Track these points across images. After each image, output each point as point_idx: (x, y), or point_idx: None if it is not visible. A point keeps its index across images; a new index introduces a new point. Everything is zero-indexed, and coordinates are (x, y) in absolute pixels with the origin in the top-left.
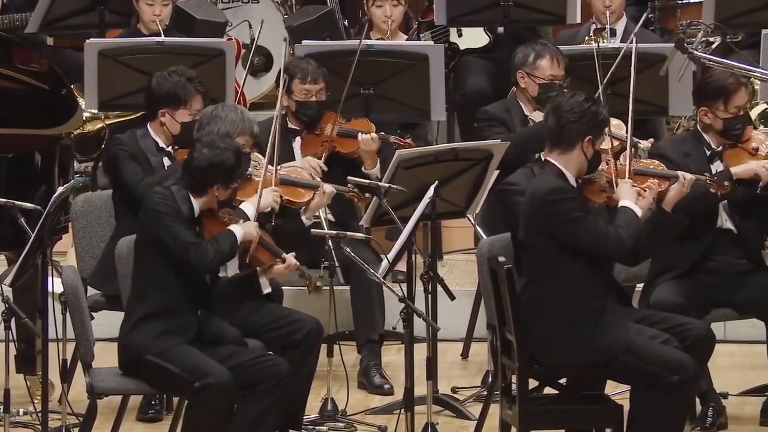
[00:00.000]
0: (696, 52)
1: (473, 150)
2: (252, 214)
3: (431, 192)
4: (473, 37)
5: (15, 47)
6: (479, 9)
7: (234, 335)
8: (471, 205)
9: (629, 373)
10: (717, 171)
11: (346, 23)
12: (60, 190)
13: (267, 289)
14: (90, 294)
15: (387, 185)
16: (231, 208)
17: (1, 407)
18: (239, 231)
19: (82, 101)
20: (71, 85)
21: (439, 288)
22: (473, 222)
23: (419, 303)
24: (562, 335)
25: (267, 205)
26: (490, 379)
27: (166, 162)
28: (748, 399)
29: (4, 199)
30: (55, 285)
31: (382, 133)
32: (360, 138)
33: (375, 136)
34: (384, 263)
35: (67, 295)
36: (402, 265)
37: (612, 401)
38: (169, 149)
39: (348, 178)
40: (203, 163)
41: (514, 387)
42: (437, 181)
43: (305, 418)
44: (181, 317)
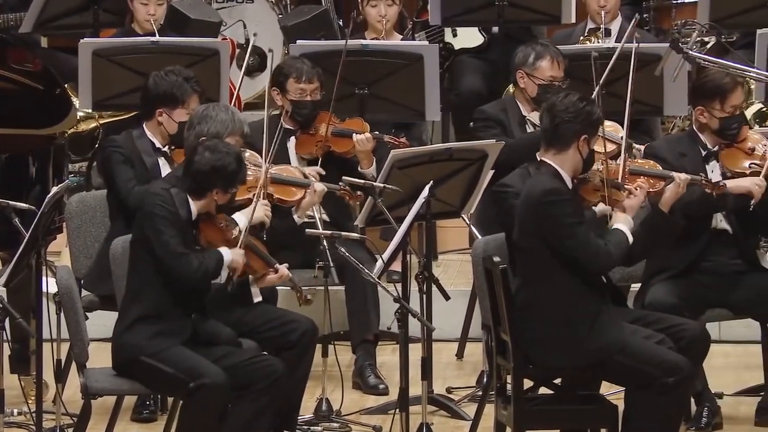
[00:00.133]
0: (691, 52)
1: (468, 150)
2: (244, 224)
3: (426, 192)
4: (468, 37)
5: (9, 47)
6: (474, 9)
7: (228, 336)
8: (466, 205)
9: (624, 374)
10: (714, 171)
11: (340, 23)
12: (54, 190)
13: (258, 298)
14: (84, 294)
15: (381, 185)
16: (228, 212)
17: None
18: (228, 255)
19: (76, 101)
20: (65, 85)
21: (434, 288)
22: (468, 222)
23: (414, 303)
24: (556, 336)
25: (259, 219)
26: (485, 380)
27: (161, 162)
28: (743, 399)
29: None
30: (50, 285)
31: (376, 133)
32: (355, 138)
33: (369, 135)
34: (379, 263)
35: (62, 296)
36: (397, 265)
37: (607, 401)
38: (166, 149)
39: (343, 178)
40: (205, 167)
41: (509, 387)
42: (432, 181)
43: (300, 418)
44: (176, 318)
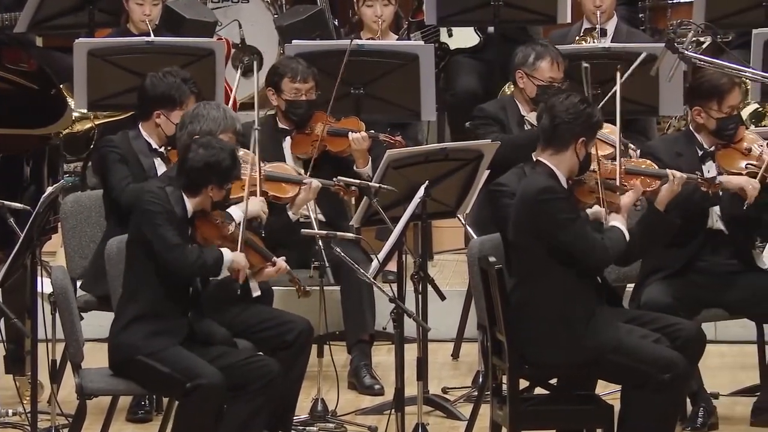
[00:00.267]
0: (686, 52)
1: (463, 150)
2: (239, 217)
3: (421, 192)
4: (463, 37)
5: (4, 47)
6: (469, 9)
7: (224, 336)
8: (461, 206)
9: (620, 372)
10: (710, 171)
11: (336, 23)
12: (49, 190)
13: (256, 293)
14: (80, 294)
15: (377, 185)
16: (223, 209)
17: None
18: (228, 256)
19: (71, 101)
20: (60, 85)
21: (430, 288)
22: (464, 222)
23: (409, 303)
24: (552, 335)
25: (254, 213)
26: (480, 380)
27: (158, 163)
28: (738, 399)
29: None
30: (45, 285)
31: (372, 131)
32: (350, 137)
33: (365, 134)
34: (374, 263)
35: (57, 296)
36: (392, 266)
37: (603, 401)
38: (162, 150)
39: (338, 178)
40: (199, 164)
41: (504, 387)
42: (427, 181)
43: (295, 418)
44: (172, 318)
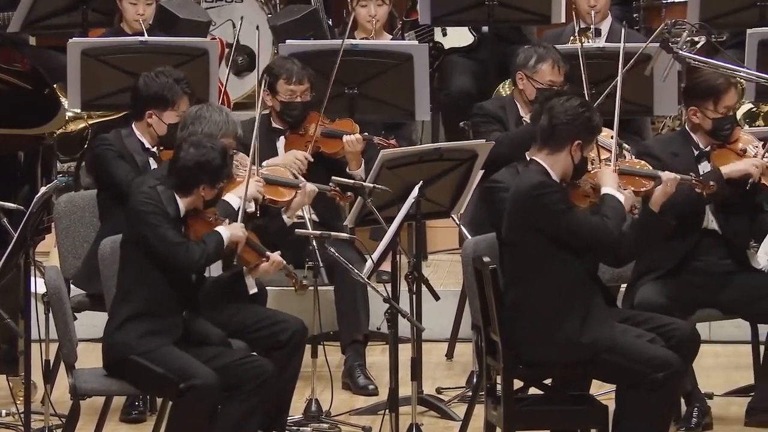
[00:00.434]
0: (681, 51)
1: (458, 150)
2: (237, 203)
3: (416, 192)
4: (458, 37)
5: None
6: (464, 8)
7: (218, 336)
8: (456, 205)
9: (614, 372)
10: (706, 171)
11: (330, 23)
12: (43, 190)
13: (253, 289)
14: (73, 294)
15: (371, 185)
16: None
17: None
18: (225, 232)
19: (64, 101)
20: (54, 85)
21: (424, 288)
22: (458, 222)
23: (404, 303)
24: (547, 334)
25: (252, 195)
26: (474, 380)
27: (151, 162)
28: (733, 399)
29: None
30: (38, 285)
31: (366, 134)
32: (345, 139)
33: (359, 137)
34: (368, 263)
35: (50, 296)
36: (386, 266)
37: (597, 401)
38: (154, 150)
39: (332, 178)
40: (189, 163)
41: (499, 387)
42: (422, 181)
43: (289, 419)
44: (167, 318)
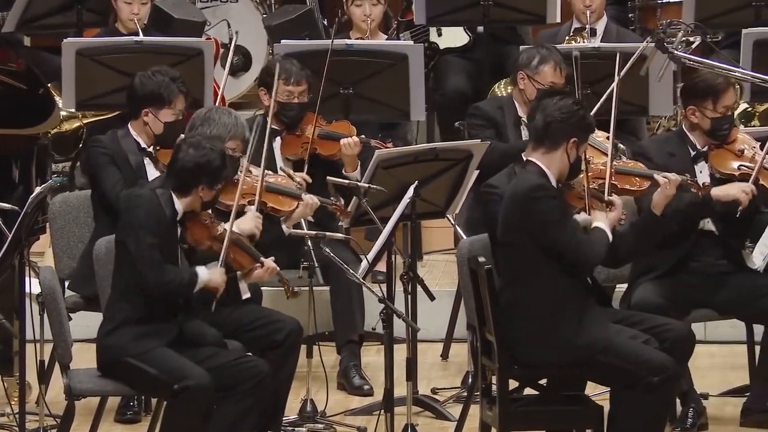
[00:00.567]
0: (676, 51)
1: (453, 150)
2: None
3: (411, 192)
4: (453, 37)
5: None
6: (459, 8)
7: (213, 336)
8: (451, 206)
9: (609, 373)
10: (702, 173)
11: (325, 23)
12: (37, 190)
13: (246, 295)
14: (68, 295)
15: (366, 185)
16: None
17: None
18: (205, 276)
19: (59, 100)
20: (48, 85)
21: (419, 288)
22: (453, 222)
23: (399, 303)
24: (542, 335)
25: (249, 231)
26: (470, 380)
27: (146, 162)
28: (728, 399)
29: None
30: (33, 286)
31: (363, 137)
32: (342, 143)
33: (357, 139)
34: (363, 264)
35: (45, 296)
36: (382, 266)
37: (592, 402)
38: (150, 149)
39: (327, 178)
40: (189, 164)
41: (494, 388)
42: (417, 182)
43: (285, 419)
44: (162, 319)
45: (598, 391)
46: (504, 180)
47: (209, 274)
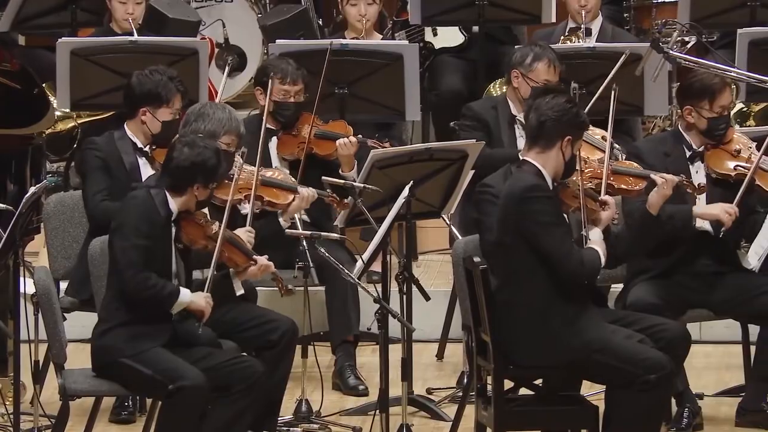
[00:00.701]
0: (671, 51)
1: (448, 150)
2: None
3: (406, 192)
4: (448, 36)
5: None
6: (454, 8)
7: (208, 337)
8: (446, 206)
9: (605, 373)
10: (697, 173)
11: (320, 22)
12: (32, 190)
13: (240, 291)
14: (62, 295)
15: (362, 185)
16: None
17: None
18: (187, 297)
19: (54, 100)
20: (43, 84)
21: (414, 288)
22: (448, 222)
23: (394, 304)
24: (537, 335)
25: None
26: (465, 380)
27: (142, 163)
28: (723, 400)
29: None
30: (27, 286)
31: (360, 137)
32: (338, 143)
33: (353, 139)
34: (359, 264)
35: (40, 296)
36: (377, 266)
37: (588, 402)
38: (147, 149)
39: (323, 178)
40: (185, 163)
41: (489, 388)
42: (412, 182)
43: (280, 419)
44: (156, 319)
45: (593, 391)
46: (499, 180)
47: (192, 296)
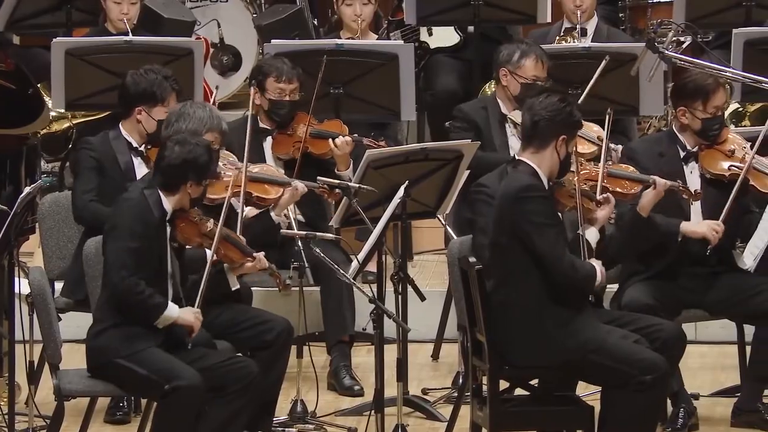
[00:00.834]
0: (667, 51)
1: (443, 150)
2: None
3: (401, 192)
4: (443, 37)
5: None
6: (449, 8)
7: (203, 337)
8: (441, 206)
9: (601, 373)
10: (691, 174)
11: (315, 22)
12: (27, 190)
13: (235, 286)
14: (57, 295)
15: (357, 185)
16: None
17: None
18: (175, 312)
19: (49, 100)
20: (38, 84)
21: (410, 289)
22: (444, 222)
23: (389, 304)
24: (533, 335)
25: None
26: (460, 381)
27: (137, 162)
28: (719, 400)
29: None
30: (22, 286)
31: (355, 135)
32: (334, 141)
33: (349, 139)
34: (354, 264)
35: (34, 297)
36: (372, 266)
37: (583, 402)
38: (142, 149)
39: (318, 178)
40: (177, 161)
41: (484, 388)
42: (407, 182)
43: (275, 419)
44: None
45: (588, 392)
46: (494, 180)
47: (180, 311)
